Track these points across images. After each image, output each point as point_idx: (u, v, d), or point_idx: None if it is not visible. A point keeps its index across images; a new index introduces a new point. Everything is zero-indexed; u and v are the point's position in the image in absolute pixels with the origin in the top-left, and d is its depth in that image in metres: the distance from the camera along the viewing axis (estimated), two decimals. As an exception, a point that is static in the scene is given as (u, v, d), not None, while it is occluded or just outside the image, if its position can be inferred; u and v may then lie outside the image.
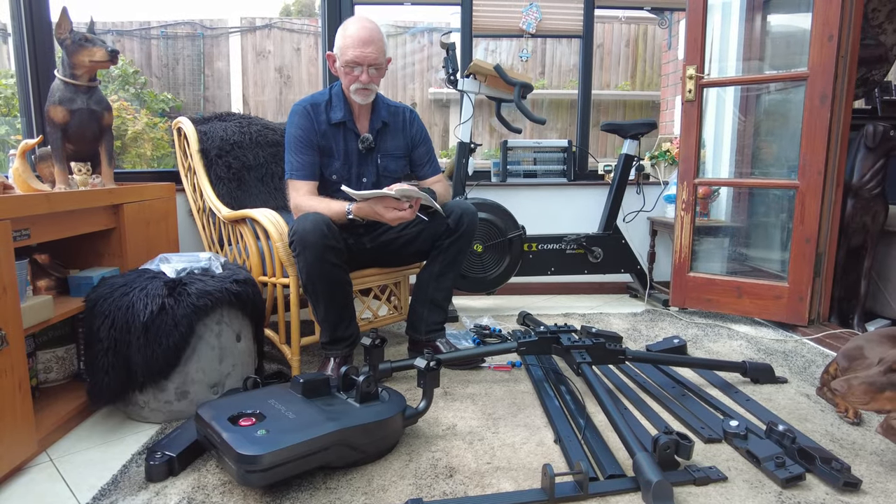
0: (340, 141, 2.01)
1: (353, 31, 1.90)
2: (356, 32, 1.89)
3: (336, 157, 2.01)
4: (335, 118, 1.99)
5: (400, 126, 2.11)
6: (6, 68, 4.29)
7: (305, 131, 1.96)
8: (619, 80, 5.43)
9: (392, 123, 2.09)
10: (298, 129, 1.97)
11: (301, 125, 1.97)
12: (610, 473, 1.33)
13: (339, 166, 2.02)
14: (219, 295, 1.68)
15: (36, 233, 1.53)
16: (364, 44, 1.89)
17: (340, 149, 2.01)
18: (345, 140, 2.02)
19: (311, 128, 1.97)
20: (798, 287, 2.45)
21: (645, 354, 1.90)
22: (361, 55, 1.89)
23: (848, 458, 1.42)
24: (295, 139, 1.97)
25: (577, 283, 3.25)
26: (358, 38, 1.88)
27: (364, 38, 1.89)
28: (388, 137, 2.08)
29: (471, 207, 2.01)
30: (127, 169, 3.82)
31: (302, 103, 2.00)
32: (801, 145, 2.39)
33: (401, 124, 2.11)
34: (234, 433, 1.27)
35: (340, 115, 1.99)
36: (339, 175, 2.02)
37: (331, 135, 2.00)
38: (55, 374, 1.80)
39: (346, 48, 1.90)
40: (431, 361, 1.53)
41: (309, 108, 1.98)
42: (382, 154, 2.07)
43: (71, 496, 1.31)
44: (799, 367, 2.05)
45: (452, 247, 1.99)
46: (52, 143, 1.88)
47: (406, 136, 2.12)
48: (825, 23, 2.29)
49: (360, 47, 1.88)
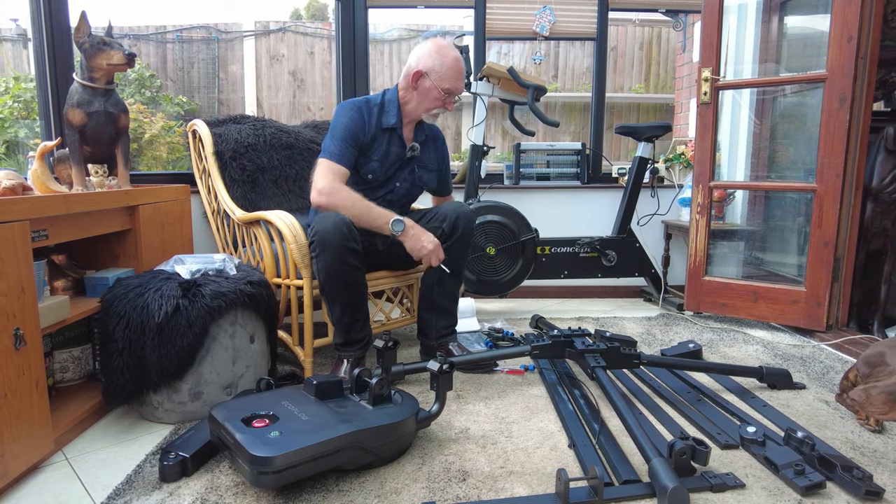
0: (384, 144, 2.03)
1: (455, 59, 1.98)
2: (458, 65, 1.99)
3: (374, 159, 2.02)
4: (387, 123, 2.02)
5: (435, 143, 2.20)
6: (26, 72, 4.35)
7: (357, 125, 1.98)
8: (633, 83, 5.40)
9: (429, 140, 2.17)
10: (350, 121, 1.97)
11: (353, 118, 1.98)
12: (625, 479, 1.32)
13: (376, 166, 2.03)
14: (233, 296, 1.68)
15: (54, 233, 1.54)
16: (461, 77, 2.01)
17: (382, 151, 2.03)
18: (388, 144, 2.04)
19: (361, 123, 1.99)
20: (816, 291, 2.41)
21: (660, 359, 1.88)
22: (459, 88, 2.01)
23: (869, 467, 1.39)
24: (344, 128, 1.96)
25: (591, 286, 3.22)
26: (458, 71, 1.99)
27: (461, 71, 2.01)
28: (425, 151, 2.15)
29: (466, 210, 2.02)
30: (142, 171, 3.85)
31: (356, 100, 2.03)
32: (819, 148, 2.36)
33: (435, 142, 2.20)
34: (248, 434, 1.27)
35: (393, 121, 2.02)
36: (374, 176, 2.03)
37: (376, 137, 2.02)
38: (71, 373, 1.81)
39: (446, 77, 1.97)
40: (444, 364, 1.53)
41: (363, 107, 2.02)
42: (420, 165, 2.13)
43: (86, 495, 1.32)
44: (817, 373, 2.02)
45: (450, 251, 1.98)
46: (70, 145, 1.90)
47: (438, 152, 2.21)
48: (844, 24, 2.26)
49: (459, 80, 2.00)
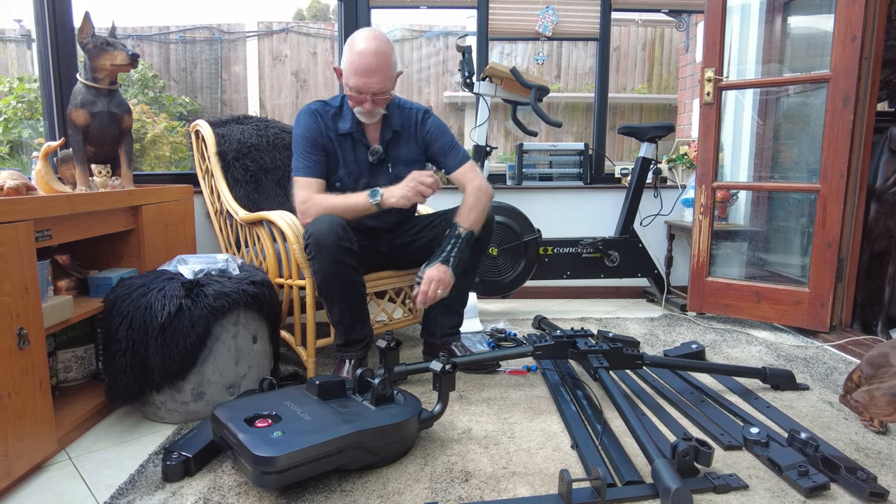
0: (348, 150, 1.94)
1: (358, 54, 1.76)
2: (361, 60, 1.75)
3: (341, 166, 1.94)
4: (343, 129, 1.91)
5: (412, 131, 2.00)
6: (30, 73, 4.37)
7: (312, 132, 1.90)
8: (636, 84, 5.39)
9: (404, 131, 1.98)
10: (306, 129, 1.90)
11: (308, 126, 1.90)
12: (628, 480, 1.31)
13: (343, 174, 1.95)
14: (236, 296, 1.69)
15: (57, 233, 1.55)
16: (368, 73, 1.76)
17: (349, 158, 1.94)
18: (353, 150, 1.94)
19: (318, 130, 1.90)
20: (819, 292, 2.41)
21: (663, 359, 1.88)
22: (365, 85, 1.77)
23: (874, 468, 1.39)
24: (303, 139, 1.90)
25: (594, 287, 3.22)
26: (363, 67, 1.75)
27: (369, 67, 1.75)
28: (400, 145, 1.98)
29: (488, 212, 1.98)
30: (146, 171, 3.86)
31: (310, 106, 1.94)
32: (823, 148, 2.35)
33: (413, 129, 2.00)
34: (250, 434, 1.27)
35: (348, 126, 1.91)
36: (343, 183, 1.94)
37: (337, 143, 1.93)
38: (74, 373, 1.82)
39: (350, 73, 1.79)
40: (447, 365, 1.53)
41: (318, 112, 1.92)
42: (394, 163, 1.98)
43: (89, 495, 1.32)
44: (821, 374, 2.01)
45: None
46: (74, 145, 1.91)
47: (418, 139, 2.00)
48: (848, 24, 2.25)
49: (363, 76, 1.76)
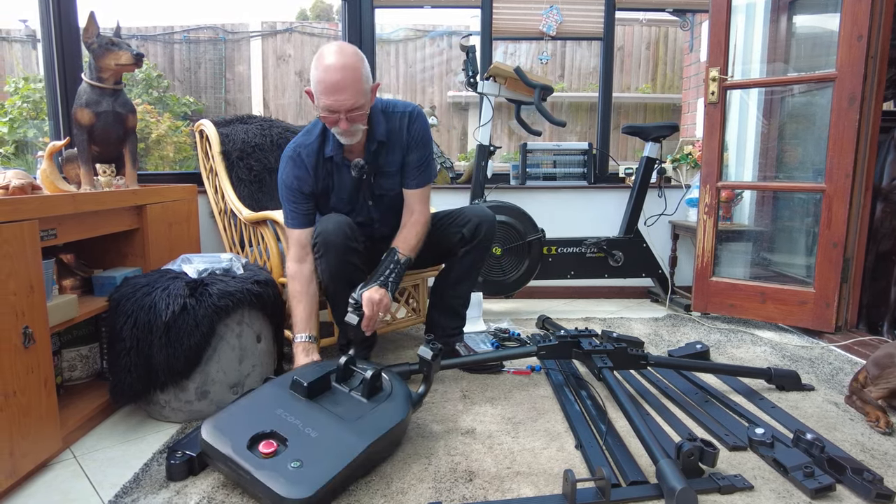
0: (335, 175, 1.85)
1: (324, 71, 1.61)
2: (328, 77, 1.61)
3: (333, 193, 1.88)
4: (328, 153, 1.81)
5: (398, 136, 1.85)
6: (35, 73, 4.38)
7: (295, 180, 1.81)
8: (640, 83, 5.38)
9: (391, 137, 1.84)
10: (291, 179, 1.81)
11: (294, 175, 1.81)
12: (632, 480, 1.31)
13: (335, 201, 1.88)
14: (240, 296, 1.69)
15: (62, 233, 1.55)
16: (337, 90, 1.61)
17: (336, 183, 1.86)
18: (339, 173, 1.86)
19: (304, 178, 1.82)
20: (824, 292, 2.40)
21: (667, 360, 1.87)
22: (336, 103, 1.62)
23: (880, 469, 1.38)
24: (285, 188, 1.83)
25: (598, 287, 3.21)
26: (331, 85, 1.61)
27: (336, 84, 1.60)
28: (385, 153, 1.86)
29: (489, 215, 1.96)
30: (150, 171, 3.87)
31: (293, 148, 1.83)
32: (828, 148, 2.34)
33: (399, 133, 1.85)
34: (266, 470, 1.19)
35: (330, 148, 1.80)
36: (338, 210, 1.88)
37: (328, 172, 1.84)
38: (79, 372, 1.82)
39: (318, 94, 1.65)
40: (436, 351, 1.55)
41: (302, 154, 1.81)
42: (379, 173, 1.88)
43: (94, 493, 1.33)
44: (826, 375, 2.01)
45: (468, 256, 1.96)
46: (79, 145, 1.91)
47: (402, 144, 1.86)
48: (854, 23, 2.24)
49: (333, 94, 1.61)
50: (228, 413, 1.38)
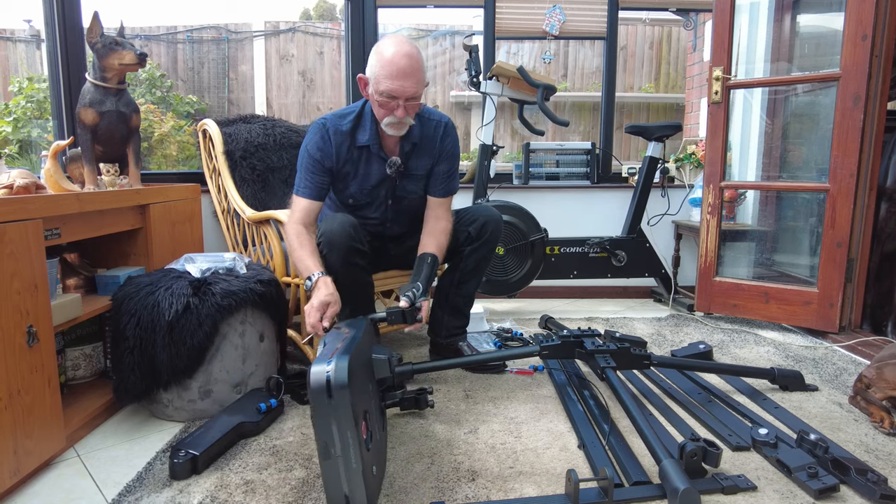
0: (362, 164, 1.85)
1: (390, 58, 1.64)
2: (395, 60, 1.64)
3: (353, 182, 1.87)
4: (361, 141, 1.81)
5: (430, 143, 1.89)
6: (39, 73, 4.39)
7: (318, 151, 1.80)
8: (643, 83, 5.37)
9: (423, 142, 1.87)
10: (315, 149, 1.80)
11: (318, 147, 1.80)
12: (635, 480, 1.31)
13: (355, 190, 1.88)
14: (243, 295, 1.69)
15: (66, 232, 1.55)
16: (404, 75, 1.64)
17: (360, 172, 1.85)
18: (367, 163, 1.85)
19: (327, 151, 1.80)
20: (828, 293, 2.39)
21: (670, 360, 1.87)
22: (400, 88, 1.65)
23: (884, 470, 1.38)
24: (308, 157, 1.81)
25: (600, 286, 3.21)
26: (397, 69, 1.64)
27: (404, 69, 1.64)
28: (415, 157, 1.88)
29: (496, 214, 1.96)
30: (153, 170, 3.88)
31: (324, 122, 1.82)
32: (833, 147, 2.33)
33: (432, 141, 1.89)
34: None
35: (367, 137, 1.80)
36: (355, 199, 1.89)
37: (352, 158, 1.83)
38: (83, 371, 1.83)
39: (381, 78, 1.66)
40: (415, 302, 1.65)
41: (330, 130, 1.80)
42: (406, 175, 1.90)
43: (97, 492, 1.33)
44: (830, 375, 2.00)
45: (474, 254, 1.96)
46: (82, 144, 1.92)
47: (434, 151, 1.89)
48: (859, 22, 2.23)
49: (398, 79, 1.64)
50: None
